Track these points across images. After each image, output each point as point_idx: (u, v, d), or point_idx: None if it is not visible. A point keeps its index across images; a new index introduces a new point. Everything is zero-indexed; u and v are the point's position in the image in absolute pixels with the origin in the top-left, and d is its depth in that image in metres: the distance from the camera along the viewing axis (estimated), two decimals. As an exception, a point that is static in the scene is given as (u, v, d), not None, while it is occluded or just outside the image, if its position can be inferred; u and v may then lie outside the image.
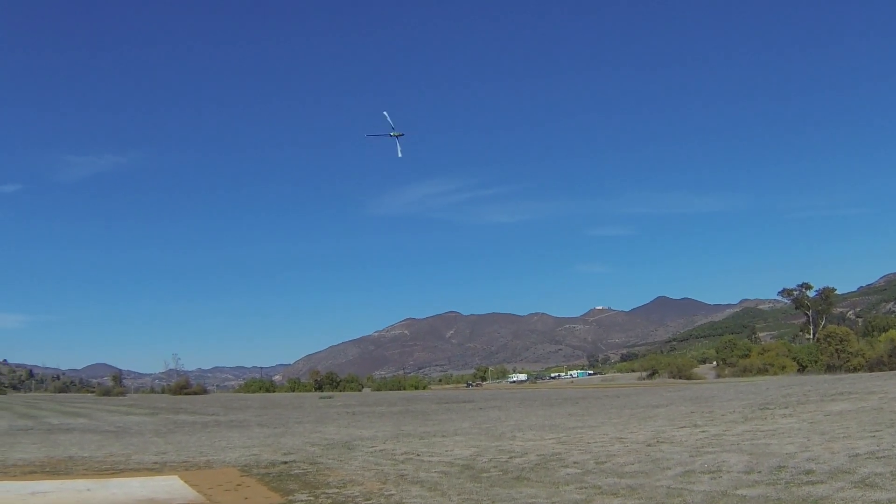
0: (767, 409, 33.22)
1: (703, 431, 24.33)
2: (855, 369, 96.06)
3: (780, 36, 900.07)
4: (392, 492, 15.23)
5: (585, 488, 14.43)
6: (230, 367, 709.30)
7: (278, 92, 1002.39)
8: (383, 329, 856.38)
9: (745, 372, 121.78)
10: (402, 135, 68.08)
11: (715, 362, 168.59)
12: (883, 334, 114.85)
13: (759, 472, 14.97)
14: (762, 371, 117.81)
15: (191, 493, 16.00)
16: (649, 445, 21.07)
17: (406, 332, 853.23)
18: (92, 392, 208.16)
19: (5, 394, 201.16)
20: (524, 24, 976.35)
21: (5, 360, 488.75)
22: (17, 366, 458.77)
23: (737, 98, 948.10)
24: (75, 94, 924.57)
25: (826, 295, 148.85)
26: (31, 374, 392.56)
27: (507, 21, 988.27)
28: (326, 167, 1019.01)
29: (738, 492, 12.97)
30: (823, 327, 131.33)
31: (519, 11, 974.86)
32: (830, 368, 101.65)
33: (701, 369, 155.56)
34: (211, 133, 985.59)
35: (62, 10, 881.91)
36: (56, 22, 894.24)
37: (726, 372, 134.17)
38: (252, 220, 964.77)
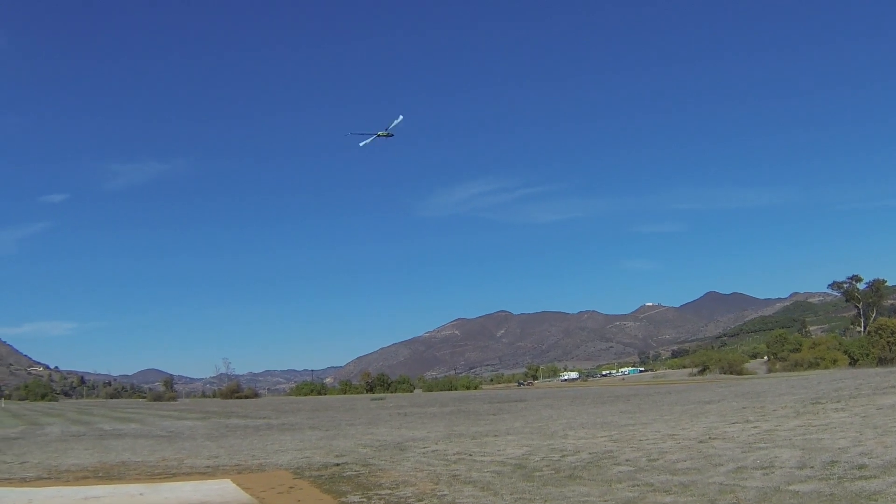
0: (819, 403, 32.84)
1: (755, 427, 24.09)
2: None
3: (829, 28, 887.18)
4: (445, 492, 15.23)
5: (638, 486, 14.36)
6: (281, 371, 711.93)
7: (323, 96, 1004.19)
8: (434, 330, 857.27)
9: (796, 366, 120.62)
10: (392, 135, 65.59)
11: (766, 357, 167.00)
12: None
13: (812, 467, 14.82)
14: (813, 365, 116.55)
15: (243, 496, 16.08)
16: (701, 442, 20.91)
17: (457, 332, 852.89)
18: (143, 397, 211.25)
19: (57, 400, 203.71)
20: (568, 21, 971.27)
21: (56, 368, 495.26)
22: (69, 372, 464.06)
23: (784, 91, 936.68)
24: (120, 102, 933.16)
25: (877, 287, 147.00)
26: (82, 381, 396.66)
27: (550, 19, 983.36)
28: (373, 170, 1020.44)
29: (791, 487, 12.84)
30: (874, 320, 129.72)
31: (561, 10, 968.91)
32: (882, 361, 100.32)
33: (752, 364, 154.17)
34: (256, 139, 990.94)
35: (106, 20, 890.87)
36: (101, 32, 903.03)
37: (777, 367, 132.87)
38: (301, 224, 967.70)
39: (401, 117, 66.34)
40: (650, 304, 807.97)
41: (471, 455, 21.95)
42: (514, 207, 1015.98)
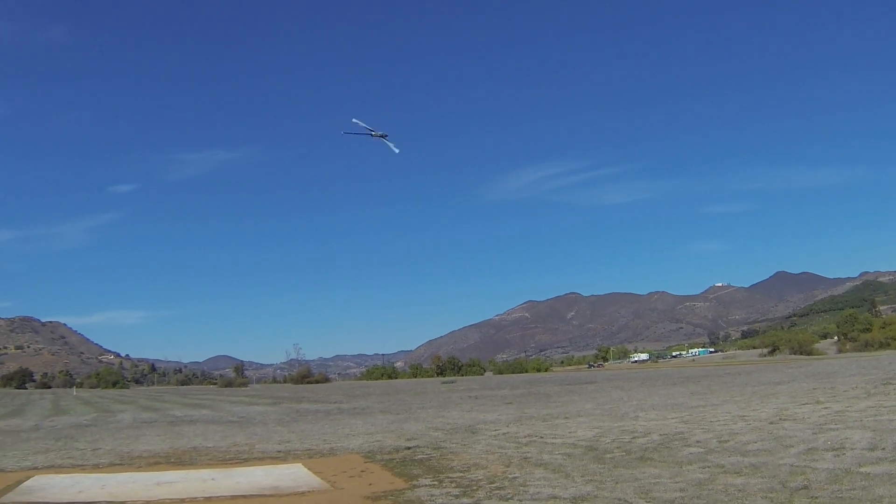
0: (891, 384, 32.28)
1: (826, 408, 23.79)
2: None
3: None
4: (516, 474, 15.25)
5: (708, 467, 14.28)
6: (351, 355, 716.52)
7: (388, 83, 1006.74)
8: (504, 312, 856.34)
9: (866, 346, 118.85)
10: (386, 135, 61.61)
11: (836, 337, 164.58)
12: None
13: (883, 448, 14.60)
14: (884, 345, 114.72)
15: (315, 480, 16.11)
16: (772, 423, 20.70)
17: (527, 314, 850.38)
18: (214, 384, 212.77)
19: (128, 388, 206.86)
20: (633, 2, 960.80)
21: (127, 356, 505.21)
22: (139, 360, 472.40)
23: (852, 68, 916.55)
24: (185, 92, 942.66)
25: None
26: (153, 368, 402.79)
27: (616, 1, 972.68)
28: (440, 155, 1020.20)
29: (862, 469, 12.67)
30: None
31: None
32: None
33: (822, 345, 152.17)
34: (323, 126, 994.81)
35: (170, 11, 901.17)
36: (165, 23, 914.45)
37: (847, 347, 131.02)
38: (369, 210, 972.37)
39: (355, 120, 62.45)
40: (720, 284, 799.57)
41: (542, 437, 21.95)
42: (583, 189, 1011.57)
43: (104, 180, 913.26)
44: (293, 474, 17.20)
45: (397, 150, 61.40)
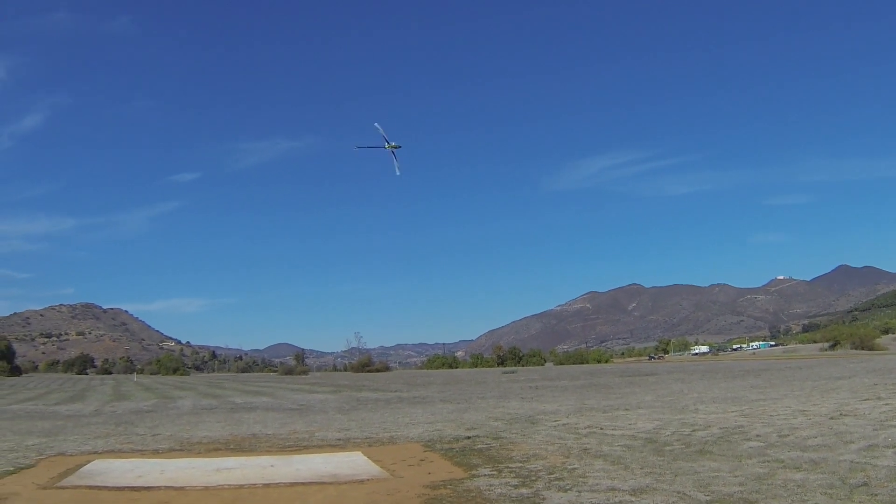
0: (954, 380, 31.75)
1: (887, 404, 23.44)
2: None
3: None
4: (575, 466, 15.21)
5: (768, 462, 14.15)
6: (412, 344, 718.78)
7: (453, 73, 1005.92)
8: (565, 303, 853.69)
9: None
10: (399, 146, 59.12)
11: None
12: None
13: (946, 446, 14.40)
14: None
15: (374, 468, 16.10)
16: (832, 418, 20.44)
17: (588, 305, 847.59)
18: (274, 371, 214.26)
19: (188, 374, 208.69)
20: None
21: (188, 343, 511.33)
22: (200, 347, 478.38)
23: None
24: (248, 81, 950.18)
25: None
26: (213, 355, 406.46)
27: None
28: (502, 146, 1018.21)
29: (924, 467, 12.51)
30: None
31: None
32: None
33: (884, 340, 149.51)
34: (384, 116, 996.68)
35: (235, 2, 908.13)
36: (229, 15, 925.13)
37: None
38: (433, 201, 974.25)
39: (377, 125, 59.72)
40: (781, 277, 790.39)
41: (601, 429, 21.86)
42: (644, 180, 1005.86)
43: (167, 169, 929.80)
44: (352, 462, 17.22)
45: (398, 173, 59.15)
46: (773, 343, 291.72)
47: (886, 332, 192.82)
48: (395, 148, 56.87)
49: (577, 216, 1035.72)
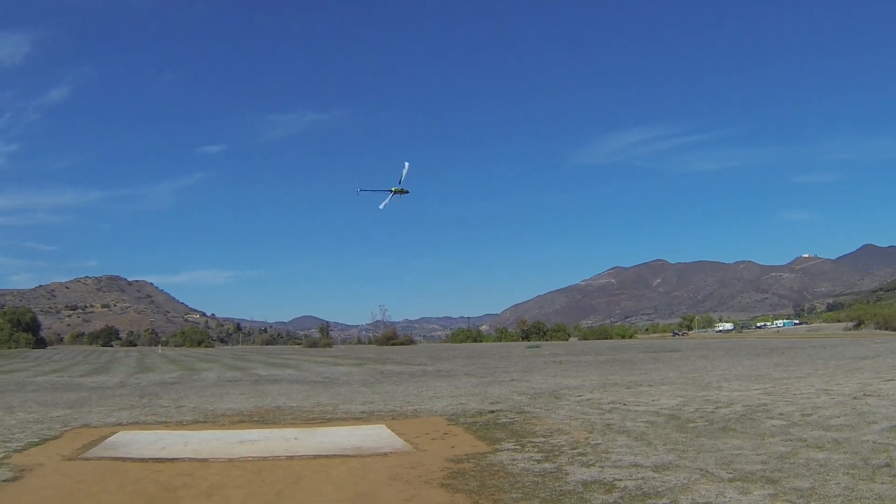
0: (980, 362, 31.52)
1: (912, 385, 23.33)
2: None
3: None
4: (598, 441, 15.22)
5: (791, 441, 14.09)
6: (437, 318, 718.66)
7: (476, 46, 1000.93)
8: (590, 278, 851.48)
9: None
10: (407, 192, 55.64)
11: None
12: None
13: (970, 428, 14.30)
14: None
15: (398, 441, 16.15)
16: (855, 398, 20.33)
17: (613, 280, 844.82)
18: (299, 344, 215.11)
19: (213, 347, 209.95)
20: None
21: (213, 315, 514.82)
22: (225, 320, 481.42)
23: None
24: (275, 53, 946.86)
25: None
26: (238, 328, 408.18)
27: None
28: (528, 120, 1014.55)
29: (947, 449, 12.43)
30: None
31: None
32: None
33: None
34: (411, 89, 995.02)
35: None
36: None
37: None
38: (459, 174, 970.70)
39: (407, 165, 56.66)
40: (806, 255, 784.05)
41: (625, 404, 21.85)
42: (672, 156, 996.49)
43: (193, 141, 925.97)
44: (376, 435, 17.27)
45: (381, 207, 56.28)
46: (797, 321, 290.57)
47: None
48: (402, 193, 54.49)
49: (603, 191, 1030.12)
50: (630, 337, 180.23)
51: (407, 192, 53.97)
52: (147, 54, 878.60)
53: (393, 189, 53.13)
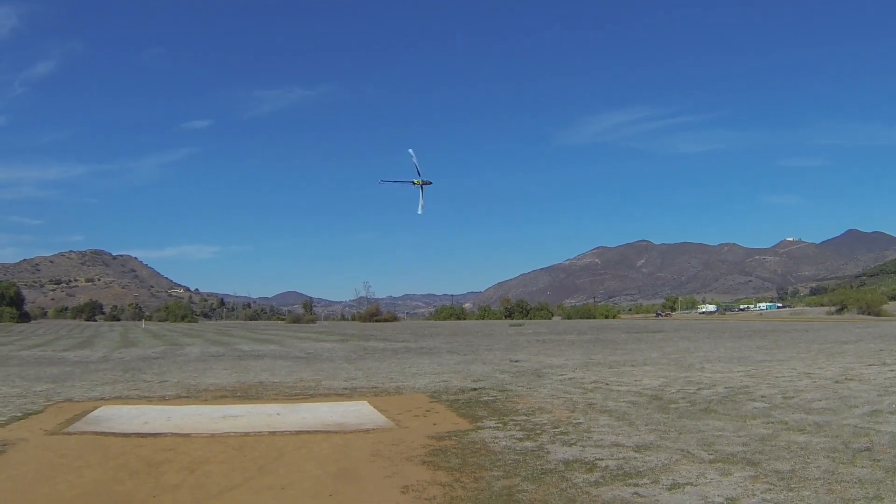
0: (960, 349, 31.76)
1: (892, 370, 23.45)
2: None
3: None
4: (580, 420, 15.30)
5: (772, 423, 14.17)
6: (420, 295, 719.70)
7: (465, 25, 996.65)
8: (574, 257, 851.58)
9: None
10: (430, 183, 53.37)
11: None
12: None
13: (950, 414, 14.40)
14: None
15: (380, 418, 16.22)
16: (837, 382, 20.46)
17: (597, 260, 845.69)
18: (282, 319, 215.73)
19: (197, 322, 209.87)
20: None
21: (197, 290, 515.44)
22: (209, 294, 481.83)
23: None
24: (262, 28, 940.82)
25: None
26: (222, 303, 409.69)
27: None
28: (516, 99, 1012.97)
29: (927, 434, 12.51)
30: None
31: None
32: None
33: (891, 306, 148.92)
34: (399, 67, 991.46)
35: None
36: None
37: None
38: (443, 152, 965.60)
39: (412, 152, 54.14)
40: (791, 238, 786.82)
41: (607, 384, 21.95)
42: (658, 137, 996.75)
43: (180, 116, 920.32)
44: (358, 411, 17.36)
45: (421, 212, 54.20)
46: (780, 304, 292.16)
47: (894, 298, 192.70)
48: (425, 184, 52.70)
49: (589, 171, 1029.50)
50: (613, 317, 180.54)
51: (430, 182, 52.95)
52: (134, 29, 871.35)
53: (415, 181, 51.99)
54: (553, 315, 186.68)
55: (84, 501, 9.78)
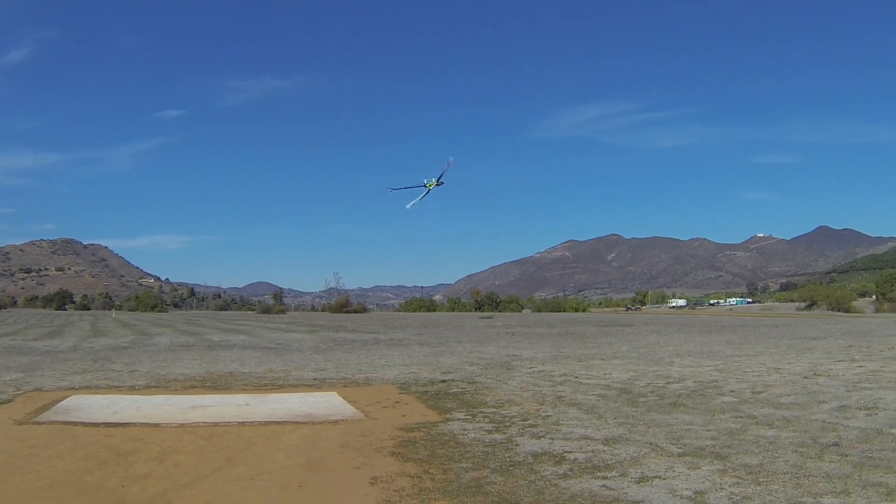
0: (928, 346, 32.09)
1: (861, 367, 23.65)
2: None
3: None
4: (549, 413, 15.35)
5: (741, 418, 14.26)
6: (391, 286, 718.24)
7: (440, 16, 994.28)
8: (545, 251, 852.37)
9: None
10: (443, 183, 51.61)
11: (874, 296, 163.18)
12: None
13: (917, 411, 14.55)
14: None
15: (349, 409, 16.25)
16: (806, 378, 20.62)
17: (567, 253, 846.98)
18: (252, 310, 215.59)
19: (167, 311, 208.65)
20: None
21: (167, 279, 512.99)
22: (179, 284, 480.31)
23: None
24: (237, 18, 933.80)
25: None
26: (192, 293, 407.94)
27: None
28: (490, 91, 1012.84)
29: (894, 430, 12.57)
30: None
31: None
32: None
33: (860, 303, 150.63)
34: (373, 58, 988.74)
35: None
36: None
37: (885, 307, 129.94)
38: (416, 143, 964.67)
39: (452, 159, 53.10)
40: (761, 234, 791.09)
41: (576, 377, 22.03)
42: (632, 131, 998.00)
43: (153, 105, 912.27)
44: (327, 403, 17.39)
45: (409, 207, 52.68)
46: (750, 300, 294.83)
47: (863, 295, 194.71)
48: (437, 185, 51.55)
49: (561, 164, 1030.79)
50: (583, 310, 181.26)
51: (442, 183, 52.00)
52: (108, 17, 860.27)
53: (427, 184, 50.87)
54: (523, 308, 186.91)
55: (53, 491, 9.72)
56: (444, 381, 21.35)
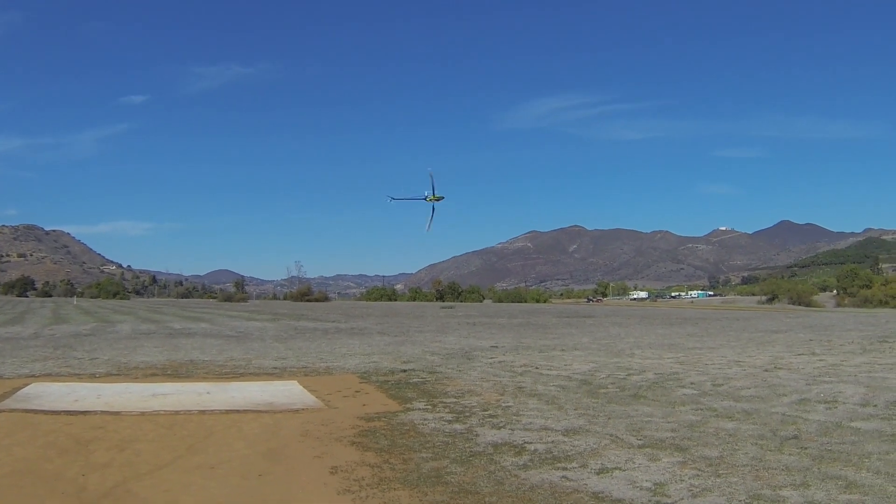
0: (886, 342, 32.51)
1: (821, 360, 23.95)
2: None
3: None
4: (509, 403, 15.43)
5: (701, 410, 14.40)
6: (352, 276, 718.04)
7: (404, 5, 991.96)
8: (507, 241, 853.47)
9: (865, 303, 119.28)
10: (443, 198, 52.06)
11: (835, 291, 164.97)
12: None
13: (875, 405, 14.71)
14: (883, 303, 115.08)
15: (309, 398, 16.28)
16: (766, 371, 20.85)
17: (529, 244, 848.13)
18: (214, 298, 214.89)
19: (129, 299, 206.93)
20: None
21: (129, 267, 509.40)
22: (141, 271, 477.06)
23: (875, 23, 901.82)
24: (202, 4, 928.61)
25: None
26: (154, 280, 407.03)
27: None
28: (453, 81, 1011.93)
29: (853, 424, 12.77)
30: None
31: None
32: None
33: (821, 297, 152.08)
34: (338, 47, 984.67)
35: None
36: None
37: (846, 302, 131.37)
38: (379, 133, 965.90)
39: (431, 172, 52.19)
40: (723, 228, 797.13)
41: (537, 368, 22.14)
42: (596, 123, 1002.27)
43: (116, 91, 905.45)
44: (288, 391, 17.41)
45: (429, 230, 52.38)
46: (711, 293, 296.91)
47: (824, 289, 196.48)
48: (437, 200, 50.99)
49: (524, 155, 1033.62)
50: (544, 301, 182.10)
51: (443, 197, 51.59)
52: (73, 1, 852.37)
53: (427, 198, 50.56)
54: (484, 298, 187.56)
55: (12, 480, 9.66)
56: (404, 371, 21.41)
